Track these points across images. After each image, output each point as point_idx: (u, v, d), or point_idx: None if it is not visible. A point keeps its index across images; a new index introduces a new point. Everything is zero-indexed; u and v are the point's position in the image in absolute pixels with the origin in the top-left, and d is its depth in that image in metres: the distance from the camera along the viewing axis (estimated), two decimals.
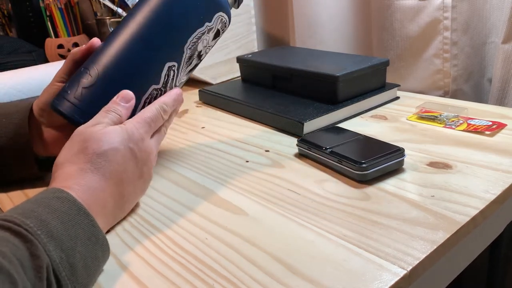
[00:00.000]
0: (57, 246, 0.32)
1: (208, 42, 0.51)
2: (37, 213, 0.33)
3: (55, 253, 0.32)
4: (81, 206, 0.36)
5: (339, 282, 0.34)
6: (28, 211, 0.33)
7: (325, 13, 0.93)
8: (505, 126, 0.58)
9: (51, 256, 0.31)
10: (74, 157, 0.41)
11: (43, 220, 0.33)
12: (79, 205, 0.36)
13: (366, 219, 0.41)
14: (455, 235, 0.39)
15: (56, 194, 0.37)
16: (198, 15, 0.49)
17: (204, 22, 0.49)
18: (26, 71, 0.89)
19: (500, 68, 0.71)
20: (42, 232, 0.32)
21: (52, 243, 0.32)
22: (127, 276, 0.37)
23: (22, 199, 0.51)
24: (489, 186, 0.45)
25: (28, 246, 0.30)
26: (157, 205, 0.48)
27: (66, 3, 1.22)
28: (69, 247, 0.33)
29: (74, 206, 0.36)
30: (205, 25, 0.49)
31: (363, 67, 0.69)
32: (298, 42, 0.98)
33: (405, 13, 0.78)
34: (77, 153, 0.41)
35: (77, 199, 0.37)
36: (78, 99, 0.46)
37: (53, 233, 0.33)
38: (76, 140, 0.42)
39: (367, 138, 0.55)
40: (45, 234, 0.32)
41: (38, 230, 0.32)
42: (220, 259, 0.38)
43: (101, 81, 0.46)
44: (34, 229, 0.32)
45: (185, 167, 0.57)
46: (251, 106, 0.71)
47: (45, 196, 0.36)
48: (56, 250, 0.32)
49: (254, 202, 0.47)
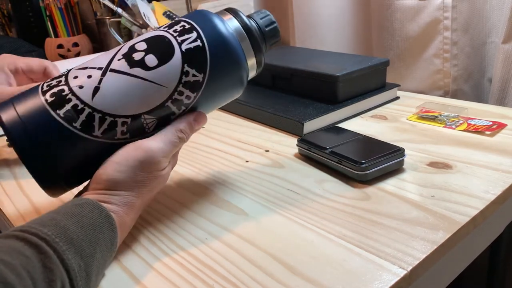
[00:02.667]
0: (77, 253, 0.32)
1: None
2: (56, 221, 0.33)
3: (74, 261, 0.31)
4: (103, 209, 0.36)
5: (339, 282, 0.34)
6: (47, 220, 0.33)
7: (325, 13, 0.93)
8: (505, 126, 0.58)
9: (70, 265, 0.31)
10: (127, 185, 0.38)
11: (62, 227, 0.32)
12: (101, 207, 0.36)
13: (366, 219, 0.41)
14: (455, 235, 0.39)
15: (76, 202, 0.36)
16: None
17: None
18: None
19: (500, 68, 0.71)
20: (61, 239, 0.31)
21: (72, 250, 0.31)
22: (127, 276, 0.37)
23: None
24: (489, 186, 0.45)
25: (42, 258, 0.29)
26: (156, 204, 0.48)
27: (66, 3, 1.22)
28: (88, 254, 0.33)
29: (95, 209, 0.35)
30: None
31: (363, 67, 0.69)
32: (298, 42, 0.98)
33: (405, 13, 0.78)
34: (132, 184, 0.38)
35: (97, 202, 0.36)
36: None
37: (73, 239, 0.32)
38: (139, 167, 0.38)
39: (367, 138, 0.55)
40: (64, 241, 0.31)
41: (56, 238, 0.31)
42: (220, 259, 0.38)
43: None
44: (53, 237, 0.31)
45: (185, 167, 0.57)
46: (251, 106, 0.71)
47: (65, 205, 0.36)
48: (75, 258, 0.31)
49: (254, 202, 0.47)
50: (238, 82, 0.43)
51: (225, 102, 0.45)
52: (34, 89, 0.40)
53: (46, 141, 0.37)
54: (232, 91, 0.44)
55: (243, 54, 0.42)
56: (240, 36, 0.42)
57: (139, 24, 0.98)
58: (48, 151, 0.37)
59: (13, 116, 0.38)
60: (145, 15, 0.95)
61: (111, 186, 0.38)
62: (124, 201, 0.38)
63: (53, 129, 0.37)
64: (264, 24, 0.45)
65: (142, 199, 0.39)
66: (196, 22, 0.42)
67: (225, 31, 0.41)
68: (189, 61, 0.40)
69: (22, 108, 0.38)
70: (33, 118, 0.38)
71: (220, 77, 0.42)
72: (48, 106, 0.38)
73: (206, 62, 0.41)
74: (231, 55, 0.41)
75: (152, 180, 0.39)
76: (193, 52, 0.40)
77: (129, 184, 0.38)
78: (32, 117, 0.38)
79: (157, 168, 0.39)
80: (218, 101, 0.44)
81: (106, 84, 0.39)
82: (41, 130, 0.37)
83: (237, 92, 0.45)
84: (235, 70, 0.42)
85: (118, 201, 0.38)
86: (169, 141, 0.40)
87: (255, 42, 0.43)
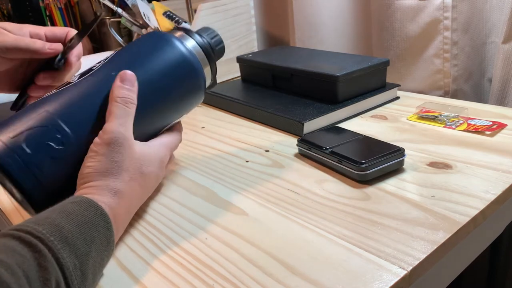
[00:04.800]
0: (72, 252, 0.32)
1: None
2: (51, 219, 0.33)
3: (69, 260, 0.31)
4: (98, 207, 0.36)
5: (339, 282, 0.34)
6: (42, 218, 0.33)
7: (325, 13, 0.93)
8: (505, 126, 0.58)
9: (64, 264, 0.30)
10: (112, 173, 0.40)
11: (57, 225, 0.32)
12: (96, 205, 0.36)
13: (366, 219, 0.41)
14: (455, 235, 0.39)
15: (72, 199, 0.36)
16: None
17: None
18: None
19: (500, 68, 0.71)
20: (56, 238, 0.31)
21: (67, 249, 0.31)
22: (127, 276, 0.37)
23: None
24: (489, 186, 0.45)
25: (36, 257, 0.29)
26: (156, 204, 0.48)
27: (66, 3, 1.22)
28: (83, 252, 0.33)
29: (91, 207, 0.35)
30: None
31: (363, 67, 0.69)
32: (298, 42, 0.98)
33: (405, 13, 0.78)
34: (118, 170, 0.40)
35: (93, 200, 0.36)
36: (39, 167, 0.38)
37: (67, 238, 0.32)
38: (118, 151, 0.40)
39: (367, 138, 0.55)
40: (59, 239, 0.31)
41: (51, 236, 0.31)
42: (220, 259, 0.38)
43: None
44: (47, 236, 0.31)
45: (185, 167, 0.57)
46: (251, 106, 0.71)
47: (61, 204, 0.36)
48: (70, 256, 0.31)
49: (254, 202, 0.47)
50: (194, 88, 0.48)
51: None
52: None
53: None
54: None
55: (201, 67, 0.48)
56: (198, 53, 0.48)
57: (139, 24, 0.98)
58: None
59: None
60: (145, 15, 0.95)
61: (94, 177, 0.39)
62: (112, 189, 0.39)
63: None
64: (214, 44, 0.50)
65: (129, 185, 0.40)
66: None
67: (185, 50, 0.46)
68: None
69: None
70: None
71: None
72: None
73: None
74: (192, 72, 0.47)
75: (128, 159, 0.40)
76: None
77: (108, 169, 0.39)
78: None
79: (128, 144, 0.41)
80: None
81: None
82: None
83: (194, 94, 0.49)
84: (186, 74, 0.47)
85: (107, 191, 0.38)
86: (117, 113, 0.41)
87: (210, 58, 0.49)
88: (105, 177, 0.39)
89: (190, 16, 1.09)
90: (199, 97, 0.49)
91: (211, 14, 0.90)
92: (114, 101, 0.42)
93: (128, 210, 0.41)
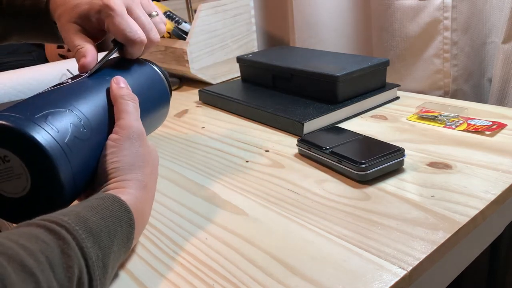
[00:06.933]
0: (95, 243, 0.32)
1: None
2: (76, 212, 0.33)
3: (92, 250, 0.31)
4: (122, 202, 0.36)
5: (339, 282, 0.34)
6: (67, 211, 0.33)
7: (325, 13, 0.93)
8: (505, 126, 0.58)
9: (88, 253, 0.31)
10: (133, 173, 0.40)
11: (82, 217, 0.32)
12: (121, 201, 0.36)
13: (366, 219, 0.41)
14: (455, 235, 0.39)
15: (97, 196, 0.36)
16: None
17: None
18: (25, 71, 0.89)
19: (500, 68, 0.71)
20: (81, 227, 0.31)
21: (91, 239, 0.31)
22: (127, 276, 0.37)
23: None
24: (489, 186, 0.45)
25: (60, 244, 0.29)
26: (156, 205, 0.48)
27: None
28: (106, 245, 0.33)
29: (116, 202, 0.36)
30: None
31: (363, 67, 0.69)
32: (298, 42, 0.98)
33: (405, 13, 0.78)
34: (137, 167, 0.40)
35: (118, 196, 0.36)
36: (69, 146, 0.37)
37: (92, 228, 0.32)
38: (135, 153, 0.40)
39: (367, 138, 0.55)
40: (84, 229, 0.31)
41: (76, 226, 0.31)
42: (220, 259, 0.38)
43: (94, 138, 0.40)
44: (72, 225, 0.31)
45: (185, 167, 0.57)
46: (251, 106, 0.71)
47: (87, 200, 0.35)
48: (94, 247, 0.31)
49: (254, 202, 0.47)
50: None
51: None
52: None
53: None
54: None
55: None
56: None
57: None
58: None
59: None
60: None
61: (122, 171, 0.39)
62: (141, 182, 0.39)
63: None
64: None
65: (151, 179, 0.41)
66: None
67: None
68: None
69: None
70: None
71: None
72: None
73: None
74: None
75: (147, 152, 0.41)
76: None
77: (134, 163, 0.39)
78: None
79: (145, 137, 0.42)
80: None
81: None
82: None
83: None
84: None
85: (137, 184, 0.38)
86: (128, 110, 0.42)
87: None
88: (133, 171, 0.39)
89: (190, 16, 1.09)
90: (167, 110, 0.53)
91: (211, 14, 0.90)
92: (121, 99, 0.42)
93: (151, 205, 0.41)
